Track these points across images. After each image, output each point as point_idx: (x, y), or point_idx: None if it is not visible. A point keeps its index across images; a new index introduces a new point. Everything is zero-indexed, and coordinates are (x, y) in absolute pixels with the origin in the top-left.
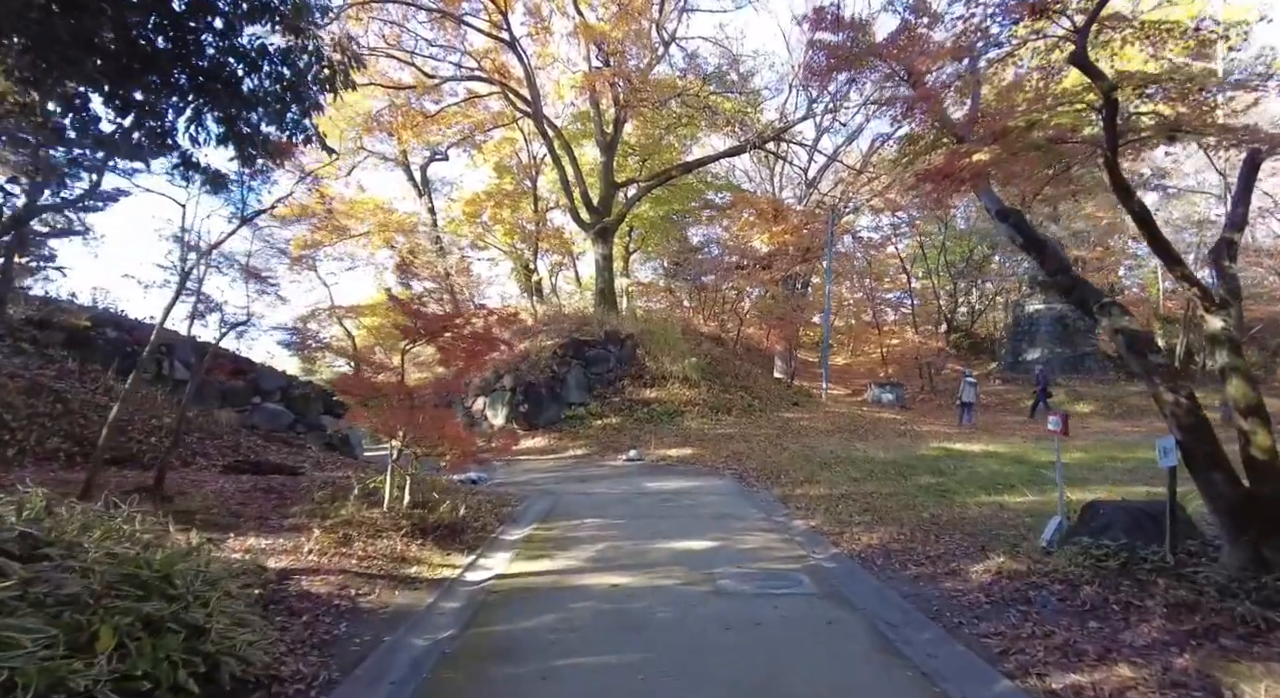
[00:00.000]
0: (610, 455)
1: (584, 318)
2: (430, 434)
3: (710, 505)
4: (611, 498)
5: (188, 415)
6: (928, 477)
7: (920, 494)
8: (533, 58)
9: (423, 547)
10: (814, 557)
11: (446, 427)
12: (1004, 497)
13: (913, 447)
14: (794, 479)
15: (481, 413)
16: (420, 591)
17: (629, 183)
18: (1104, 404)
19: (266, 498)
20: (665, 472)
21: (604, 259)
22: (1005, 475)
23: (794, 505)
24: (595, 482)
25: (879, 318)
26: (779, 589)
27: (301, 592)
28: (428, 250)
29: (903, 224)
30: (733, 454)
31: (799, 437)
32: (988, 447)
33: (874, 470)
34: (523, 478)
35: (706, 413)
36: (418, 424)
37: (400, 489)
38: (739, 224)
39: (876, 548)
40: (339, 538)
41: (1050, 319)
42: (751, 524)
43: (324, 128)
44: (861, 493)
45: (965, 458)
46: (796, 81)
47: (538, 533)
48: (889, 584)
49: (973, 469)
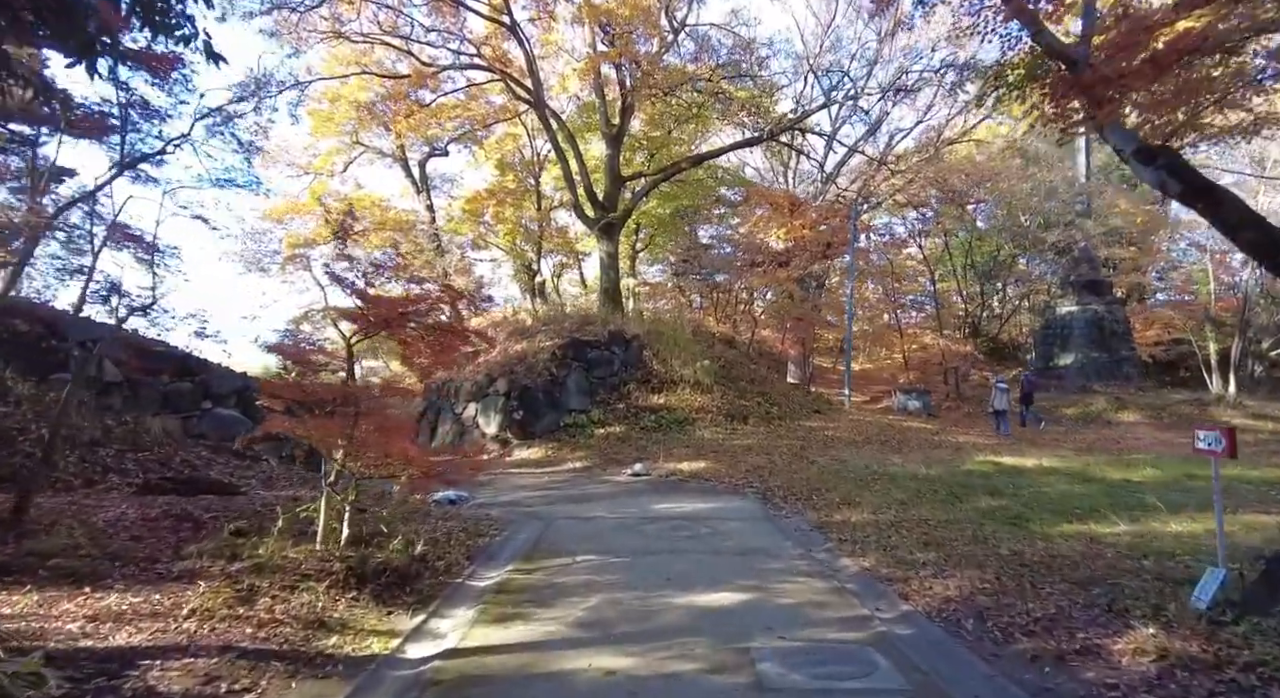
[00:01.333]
0: (613, 469)
1: (586, 317)
2: (373, 449)
3: (732, 535)
4: (612, 524)
5: (107, 422)
6: (986, 498)
7: (986, 522)
8: (535, 44)
9: (356, 601)
10: (880, 617)
11: (393, 441)
12: (1090, 526)
13: (955, 461)
14: (829, 501)
15: (473, 421)
16: (330, 680)
17: (636, 176)
18: (1150, 413)
19: (175, 529)
20: (676, 490)
21: (609, 257)
22: (1079, 498)
23: (835, 536)
24: (594, 502)
25: (900, 320)
26: (846, 679)
27: (142, 691)
28: (426, 249)
29: (925, 221)
30: (753, 469)
31: (825, 448)
32: (1041, 461)
33: (920, 490)
34: (511, 496)
35: (720, 421)
36: (357, 437)
37: (338, 520)
38: (752, 221)
39: (960, 603)
40: (238, 592)
41: (1084, 321)
42: (788, 564)
43: (316, 122)
44: (914, 519)
45: (1020, 475)
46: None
47: (515, 577)
48: (1002, 671)
49: (1036, 489)
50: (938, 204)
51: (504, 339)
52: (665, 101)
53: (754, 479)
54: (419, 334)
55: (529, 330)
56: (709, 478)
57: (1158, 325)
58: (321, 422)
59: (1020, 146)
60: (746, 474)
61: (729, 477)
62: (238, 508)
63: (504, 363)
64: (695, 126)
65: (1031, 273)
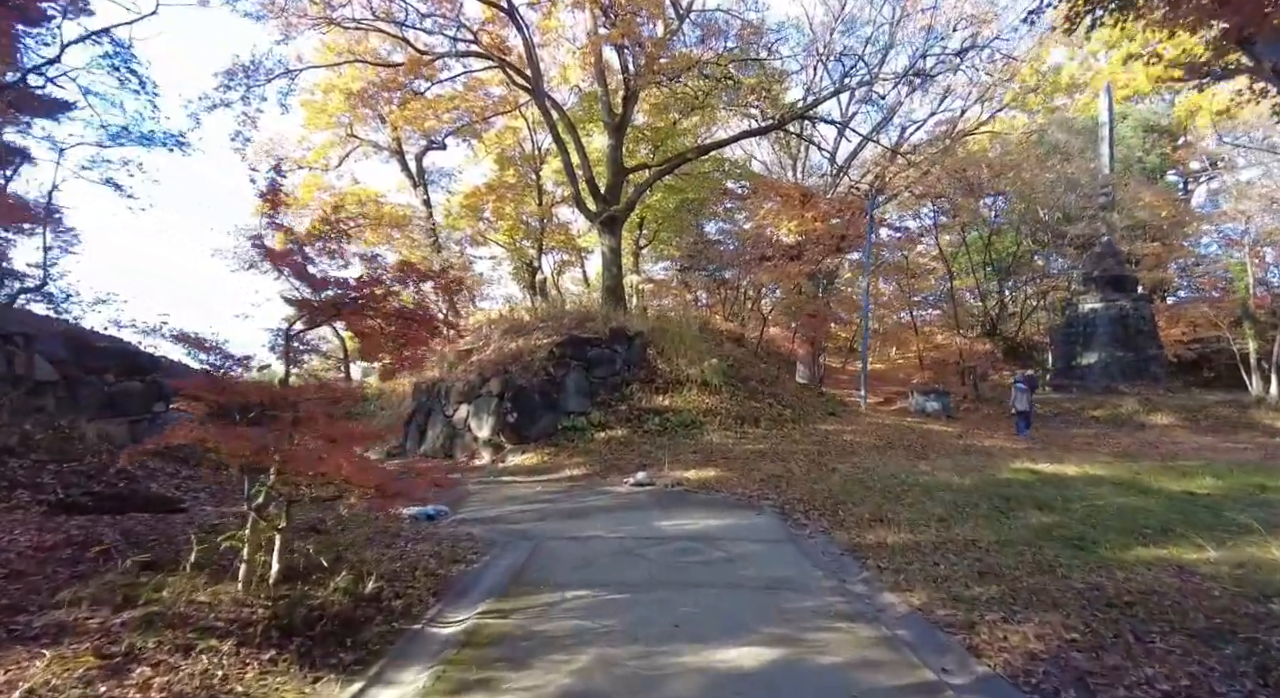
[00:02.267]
0: (614, 477)
1: (586, 313)
2: (307, 465)
3: (751, 561)
4: (610, 547)
5: (26, 428)
6: (1036, 513)
7: (1044, 543)
8: (534, 31)
9: (274, 664)
10: (951, 684)
11: (331, 455)
12: (1172, 551)
13: (988, 468)
14: (857, 517)
15: (464, 423)
16: None
17: (640, 168)
18: (1185, 415)
19: (74, 562)
20: (683, 503)
21: (611, 252)
22: (1142, 514)
23: (872, 562)
24: (591, 518)
25: (915, 318)
26: None
27: None
28: (422, 245)
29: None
30: (769, 478)
31: (845, 454)
32: (1083, 469)
33: (959, 503)
34: (498, 510)
35: (730, 424)
36: (289, 449)
37: (266, 552)
38: (762, 213)
39: (1049, 662)
40: (106, 661)
41: (1108, 319)
42: (821, 603)
43: (309, 114)
44: (959, 540)
45: (1064, 484)
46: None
47: (488, 622)
48: None
49: (1089, 502)
50: (956, 197)
51: (499, 337)
52: (670, 89)
53: (770, 490)
54: (378, 324)
55: (525, 328)
56: (719, 488)
57: (1183, 323)
58: (243, 431)
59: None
60: (761, 484)
61: (742, 487)
62: (168, 531)
63: (498, 362)
64: (701, 117)
65: (1050, 269)
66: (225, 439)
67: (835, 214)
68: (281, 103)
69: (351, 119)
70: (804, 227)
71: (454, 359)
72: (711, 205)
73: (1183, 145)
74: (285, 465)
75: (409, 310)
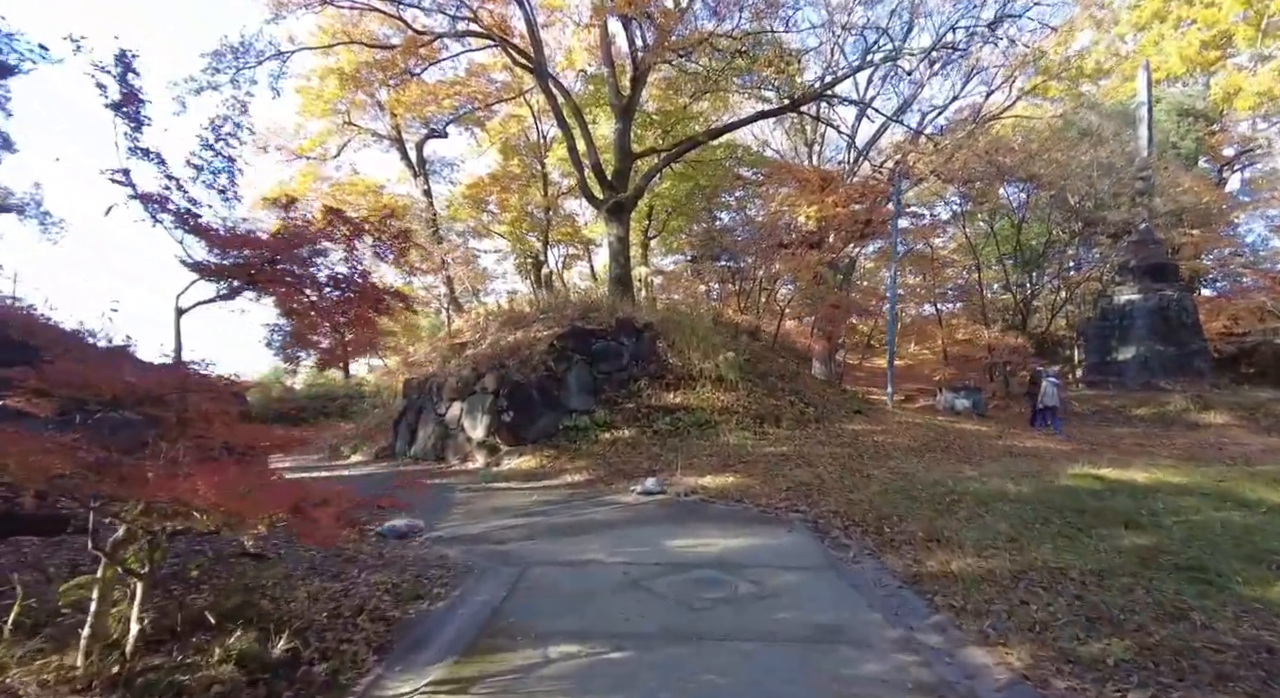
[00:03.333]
0: (620, 484)
1: (590, 304)
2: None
3: (788, 598)
4: (612, 578)
5: None
6: (1125, 532)
7: (1153, 574)
8: (536, 9)
9: None
10: None
11: (199, 473)
12: None
13: (1044, 473)
14: (908, 535)
15: (457, 423)
16: None
17: (648, 153)
18: (1243, 414)
19: None
20: (699, 516)
21: (619, 241)
22: (1261, 533)
23: (941, 599)
24: (590, 536)
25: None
26: None
27: None
28: (422, 236)
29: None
30: (796, 486)
31: (879, 458)
32: (1153, 475)
33: (1024, 517)
34: (482, 526)
35: (749, 423)
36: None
37: (130, 604)
38: (778, 198)
39: None
40: None
41: (1147, 311)
42: (888, 664)
43: (305, 100)
44: (1042, 567)
45: (1141, 494)
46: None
47: None
48: None
49: (1182, 517)
50: (984, 183)
51: (496, 329)
52: (680, 67)
53: (799, 500)
54: (310, 298)
55: (525, 319)
56: (740, 497)
57: (1224, 315)
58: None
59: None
60: (789, 494)
61: (766, 497)
62: (48, 561)
63: (494, 356)
64: (712, 102)
65: (1082, 259)
66: (47, 449)
67: (857, 199)
68: (273, 87)
69: (349, 106)
70: (824, 212)
71: (447, 353)
72: (724, 193)
73: (1219, 130)
74: (123, 488)
75: (345, 279)
